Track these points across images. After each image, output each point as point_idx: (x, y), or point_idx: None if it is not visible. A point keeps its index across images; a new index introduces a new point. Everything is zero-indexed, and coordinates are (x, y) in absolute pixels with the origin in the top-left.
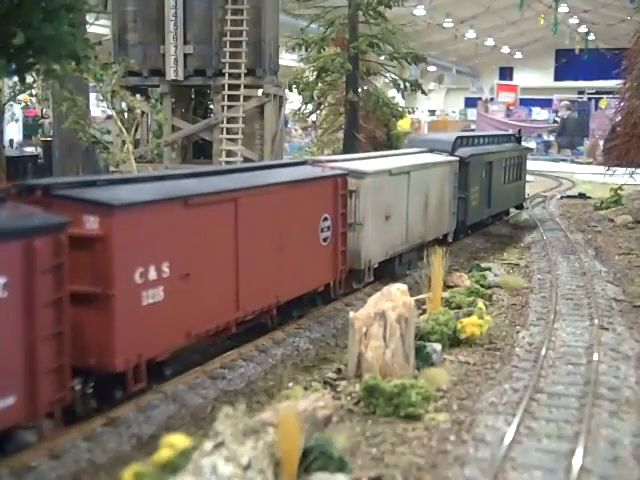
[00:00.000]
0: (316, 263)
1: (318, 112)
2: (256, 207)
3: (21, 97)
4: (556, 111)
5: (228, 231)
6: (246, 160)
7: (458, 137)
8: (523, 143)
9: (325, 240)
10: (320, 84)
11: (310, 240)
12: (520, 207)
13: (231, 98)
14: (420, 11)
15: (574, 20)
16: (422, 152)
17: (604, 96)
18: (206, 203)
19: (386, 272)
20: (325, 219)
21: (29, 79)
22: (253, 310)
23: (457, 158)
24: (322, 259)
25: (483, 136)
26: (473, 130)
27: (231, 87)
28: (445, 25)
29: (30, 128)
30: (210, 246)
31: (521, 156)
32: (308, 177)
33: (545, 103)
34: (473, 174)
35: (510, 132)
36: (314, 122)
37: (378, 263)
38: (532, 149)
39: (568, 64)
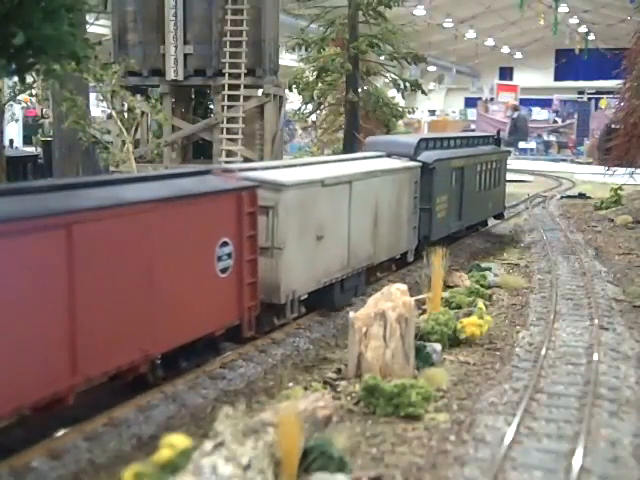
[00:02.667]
0: (210, 301)
1: (318, 112)
2: (105, 234)
3: (21, 97)
4: (556, 111)
5: (56, 267)
6: (246, 160)
7: (422, 139)
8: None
9: (224, 271)
10: (320, 84)
11: (200, 272)
12: (500, 217)
13: (231, 98)
14: (420, 11)
15: (574, 20)
16: (377, 157)
17: (604, 96)
18: (16, 232)
19: (323, 302)
20: (224, 244)
21: (29, 79)
22: (103, 372)
23: (419, 164)
24: (220, 295)
25: (453, 138)
26: (473, 130)
27: (231, 87)
28: (445, 25)
29: (30, 128)
30: (26, 289)
31: (500, 160)
32: (194, 192)
33: (545, 103)
34: (439, 182)
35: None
36: (314, 122)
37: (308, 293)
38: (511, 151)
39: (568, 64)
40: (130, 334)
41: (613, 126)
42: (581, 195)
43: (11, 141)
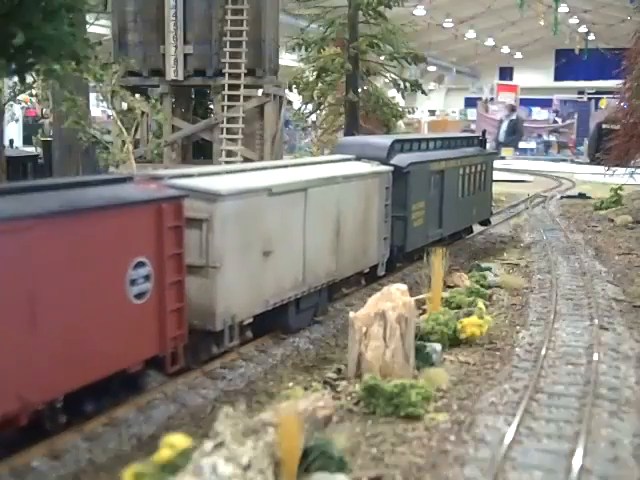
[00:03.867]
0: (120, 332)
1: (318, 112)
2: None
3: (21, 97)
4: (556, 111)
5: None
6: (246, 160)
7: (396, 141)
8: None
9: (140, 296)
10: (320, 84)
11: (104, 299)
12: (486, 223)
13: (231, 98)
14: (420, 11)
15: (574, 20)
16: (343, 161)
17: (604, 96)
18: None
19: (276, 325)
20: (140, 265)
21: (29, 79)
22: None
23: (390, 168)
24: (134, 325)
25: (433, 139)
26: (473, 131)
27: (231, 87)
28: (445, 25)
29: (30, 128)
30: None
31: (485, 162)
32: (94, 205)
33: (545, 103)
34: (415, 187)
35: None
36: (314, 122)
37: (253, 317)
38: (498, 153)
39: (568, 64)
40: (2, 380)
41: (604, 126)
42: (581, 195)
43: (11, 141)
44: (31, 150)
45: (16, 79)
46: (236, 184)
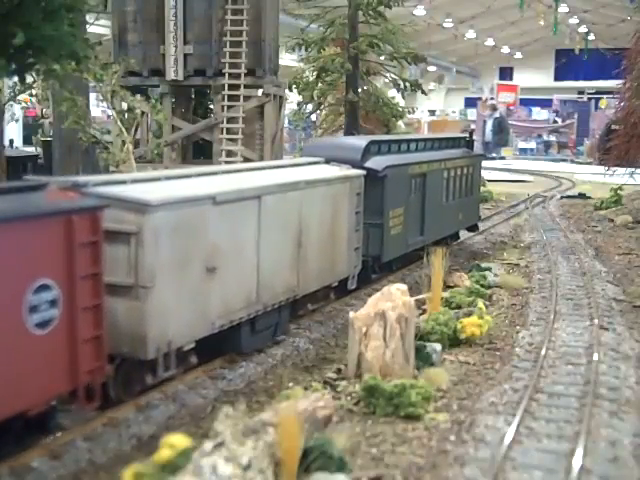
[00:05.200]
0: (17, 369)
1: (318, 112)
2: None
3: (21, 97)
4: (556, 111)
5: None
6: (246, 160)
7: (372, 142)
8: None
9: (43, 325)
10: (320, 84)
11: None
12: (473, 229)
13: (231, 98)
14: (420, 11)
15: (574, 20)
16: (309, 164)
17: (604, 96)
18: None
19: (227, 347)
20: (42, 289)
21: (29, 79)
22: None
23: (361, 172)
24: (35, 359)
25: (414, 140)
26: (473, 131)
27: (231, 87)
28: (445, 25)
29: (30, 128)
30: None
31: (472, 165)
32: None
33: (545, 103)
34: (393, 192)
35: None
36: (314, 122)
37: (196, 341)
38: (484, 155)
39: (568, 64)
40: None
41: (613, 127)
42: (581, 195)
43: (11, 141)
44: (31, 150)
45: (16, 79)
46: (173, 192)
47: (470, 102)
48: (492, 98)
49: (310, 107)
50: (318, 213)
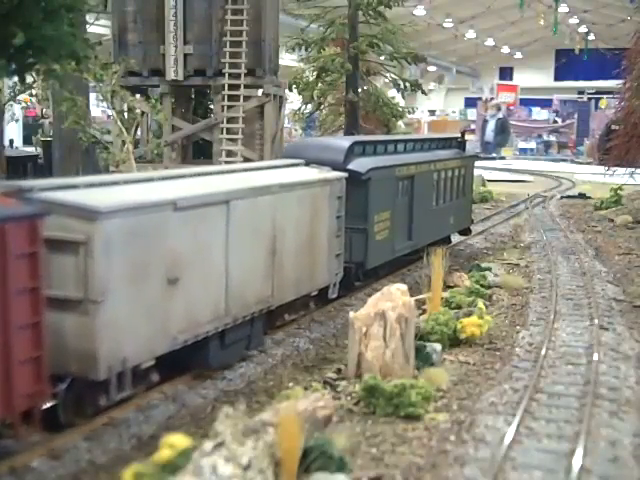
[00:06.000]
0: None
1: (318, 112)
2: None
3: (21, 97)
4: (556, 111)
5: None
6: (246, 160)
7: (356, 143)
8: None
9: None
10: (320, 84)
11: None
12: (465, 233)
13: (231, 98)
14: (420, 11)
15: (574, 20)
16: (286, 166)
17: (604, 96)
18: None
19: (194, 363)
20: None
21: (29, 79)
22: None
23: (342, 174)
24: None
25: (402, 141)
26: (473, 130)
27: (231, 87)
28: (445, 25)
29: (30, 128)
30: None
31: (464, 166)
32: None
33: (545, 103)
34: (378, 195)
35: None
36: (310, 123)
37: (155, 359)
38: (478, 156)
39: (568, 64)
40: None
41: (613, 127)
42: (581, 195)
43: (11, 141)
44: (31, 150)
45: (16, 79)
46: (128, 197)
47: (470, 102)
48: (492, 98)
49: (310, 107)
50: (294, 218)
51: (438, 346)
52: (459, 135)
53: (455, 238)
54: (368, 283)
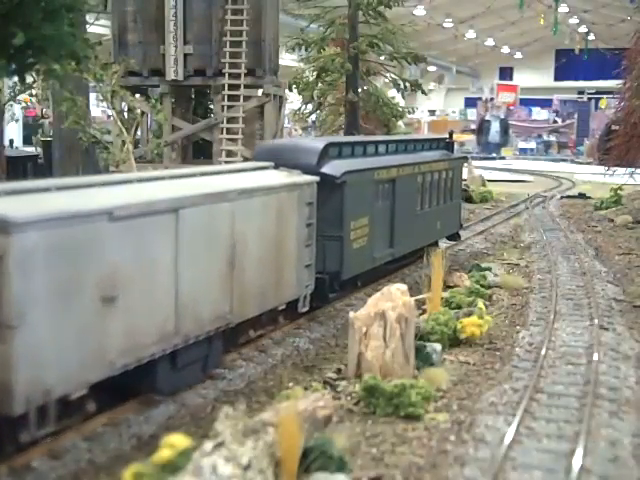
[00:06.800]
0: None
1: (318, 112)
2: None
3: (21, 97)
4: (556, 111)
5: None
6: (246, 160)
7: (331, 144)
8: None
9: None
10: (320, 84)
11: None
12: (454, 238)
13: (231, 98)
14: (420, 11)
15: (574, 20)
16: (254, 169)
17: (604, 96)
18: None
19: (141, 389)
20: None
21: (29, 79)
22: None
23: (313, 178)
24: None
25: (383, 142)
26: (473, 131)
27: (231, 87)
28: (445, 25)
29: (30, 128)
30: None
31: (452, 169)
32: None
33: (545, 103)
34: (355, 200)
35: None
36: (314, 122)
37: (90, 387)
38: (467, 158)
39: (568, 64)
40: None
41: (613, 127)
42: (581, 195)
43: (11, 141)
44: (31, 150)
45: (16, 79)
46: (52, 206)
47: (470, 102)
48: (492, 98)
49: (310, 107)
50: (257, 227)
51: (438, 346)
52: (447, 136)
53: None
54: (345, 294)
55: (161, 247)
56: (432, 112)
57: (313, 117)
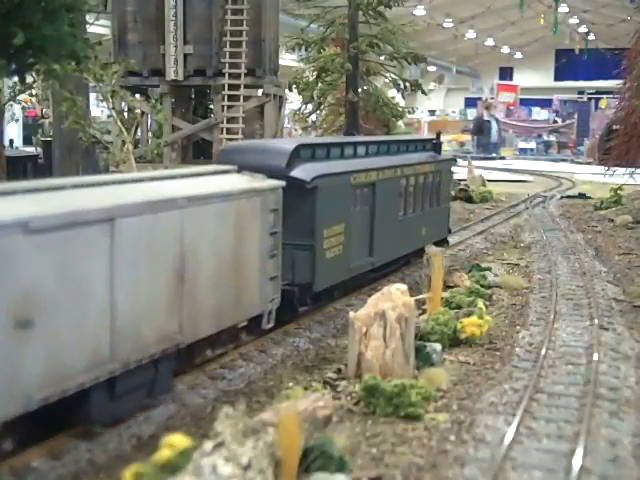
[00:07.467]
0: None
1: (318, 112)
2: None
3: (21, 97)
4: (556, 111)
5: None
6: None
7: (302, 145)
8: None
9: None
10: (320, 84)
11: None
12: (442, 244)
13: (231, 98)
14: (420, 11)
15: (574, 20)
16: (212, 174)
17: (604, 96)
18: None
19: (75, 419)
20: None
21: (29, 79)
22: None
23: (279, 183)
24: None
25: (361, 143)
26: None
27: (231, 87)
28: (445, 25)
29: (30, 128)
30: None
31: (439, 171)
32: None
33: (545, 103)
34: (328, 206)
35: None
36: (314, 122)
37: (4, 424)
38: (455, 160)
39: (568, 64)
40: None
41: (613, 127)
42: (581, 195)
43: (11, 141)
44: (31, 150)
45: (16, 79)
46: None
47: (470, 102)
48: (492, 98)
49: (310, 107)
50: (211, 237)
51: (438, 346)
52: (433, 137)
53: (455, 238)
54: (319, 307)
55: (92, 263)
56: (432, 112)
57: (313, 117)
